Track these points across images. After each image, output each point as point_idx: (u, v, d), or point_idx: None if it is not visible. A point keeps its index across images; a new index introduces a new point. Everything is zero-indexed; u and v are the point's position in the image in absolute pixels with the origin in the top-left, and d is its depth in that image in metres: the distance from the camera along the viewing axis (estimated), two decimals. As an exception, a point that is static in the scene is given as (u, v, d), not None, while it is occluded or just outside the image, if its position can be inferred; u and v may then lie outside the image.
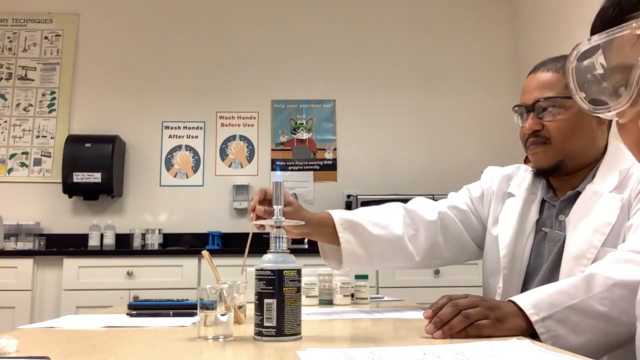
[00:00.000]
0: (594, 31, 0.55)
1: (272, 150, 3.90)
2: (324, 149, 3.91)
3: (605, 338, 0.87)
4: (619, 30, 0.50)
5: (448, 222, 1.32)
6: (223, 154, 3.88)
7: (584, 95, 0.55)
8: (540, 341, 0.83)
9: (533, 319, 0.85)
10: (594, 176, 1.14)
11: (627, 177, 1.08)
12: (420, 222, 1.31)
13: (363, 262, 1.29)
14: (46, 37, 3.93)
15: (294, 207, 1.22)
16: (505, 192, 1.30)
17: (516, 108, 1.21)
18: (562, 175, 1.18)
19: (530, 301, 0.87)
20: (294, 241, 3.90)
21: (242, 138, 3.90)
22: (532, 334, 0.85)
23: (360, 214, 1.31)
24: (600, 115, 0.54)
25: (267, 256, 0.84)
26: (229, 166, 3.87)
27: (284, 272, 0.81)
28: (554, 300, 0.87)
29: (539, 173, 1.21)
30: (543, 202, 1.22)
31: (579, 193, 1.14)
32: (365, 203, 3.51)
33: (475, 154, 3.79)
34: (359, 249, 1.26)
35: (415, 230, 1.30)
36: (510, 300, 0.89)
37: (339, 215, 1.28)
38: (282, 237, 0.86)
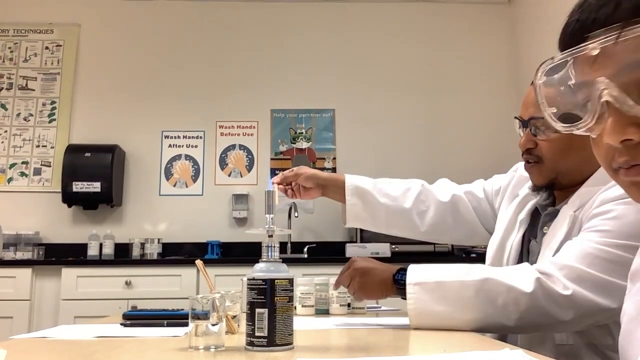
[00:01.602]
0: (559, 45, 0.57)
1: (272, 159, 3.90)
2: (324, 158, 3.91)
3: (463, 315, 1.00)
4: (577, 51, 0.51)
5: (460, 205, 1.41)
6: (222, 163, 3.88)
7: (555, 111, 0.56)
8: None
9: (408, 280, 1.05)
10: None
11: (587, 200, 1.07)
12: (432, 201, 1.41)
13: (368, 224, 1.43)
14: (47, 48, 3.95)
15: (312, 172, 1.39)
16: (517, 192, 1.31)
17: (516, 118, 1.22)
18: (559, 189, 1.18)
19: (416, 268, 1.08)
20: (293, 250, 3.90)
21: (242, 147, 3.91)
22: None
23: (372, 183, 1.43)
24: (571, 132, 0.55)
25: (259, 265, 0.84)
26: (229, 175, 3.87)
27: (276, 281, 0.81)
28: (433, 274, 1.05)
29: (536, 188, 1.20)
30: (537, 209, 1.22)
31: (558, 211, 1.14)
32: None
33: (476, 161, 3.79)
34: (364, 212, 1.40)
35: (426, 207, 1.41)
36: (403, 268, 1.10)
37: (351, 181, 1.41)
38: (274, 246, 0.85)
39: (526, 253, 1.20)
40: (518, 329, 1.02)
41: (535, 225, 1.20)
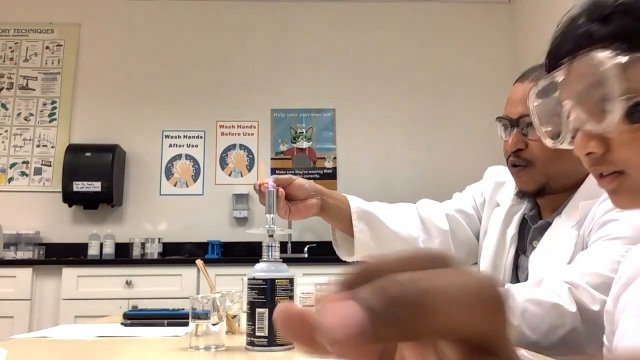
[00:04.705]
0: (545, 66, 0.64)
1: (272, 159, 3.90)
2: (324, 158, 3.91)
3: None
4: (550, 78, 0.60)
5: (458, 226, 1.31)
6: (223, 163, 3.88)
7: (550, 129, 0.66)
8: None
9: None
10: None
11: (587, 215, 1.00)
12: (433, 229, 1.30)
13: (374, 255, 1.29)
14: (47, 47, 3.95)
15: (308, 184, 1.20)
16: (495, 200, 1.26)
17: (500, 119, 1.14)
18: (550, 193, 1.09)
19: None
20: (294, 250, 3.89)
21: (242, 147, 3.91)
22: None
23: (378, 207, 1.27)
24: (560, 147, 0.63)
25: (259, 265, 0.84)
26: (229, 175, 3.87)
27: (276, 281, 0.81)
28: None
29: (522, 195, 1.13)
30: (525, 219, 1.16)
31: (549, 224, 1.07)
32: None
33: (476, 162, 3.77)
34: (372, 241, 1.22)
35: (427, 235, 1.29)
36: None
37: (356, 204, 1.22)
38: (275, 246, 0.86)
39: (514, 269, 1.14)
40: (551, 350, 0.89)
41: (523, 237, 1.14)
